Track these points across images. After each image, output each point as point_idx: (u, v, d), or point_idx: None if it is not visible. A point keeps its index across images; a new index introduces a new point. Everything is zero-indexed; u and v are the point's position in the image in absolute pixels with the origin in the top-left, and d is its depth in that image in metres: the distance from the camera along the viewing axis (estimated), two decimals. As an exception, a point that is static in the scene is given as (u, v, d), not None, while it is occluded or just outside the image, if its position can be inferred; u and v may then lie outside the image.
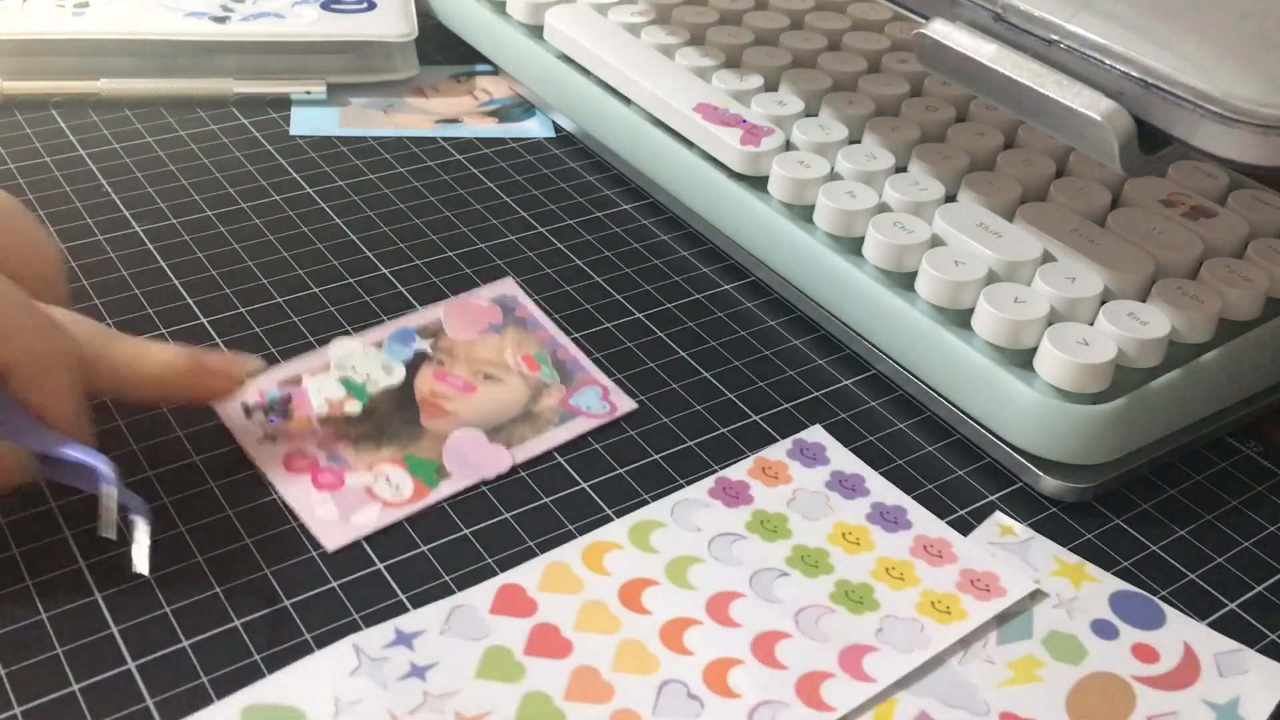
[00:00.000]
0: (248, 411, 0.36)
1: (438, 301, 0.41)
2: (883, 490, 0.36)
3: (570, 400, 0.38)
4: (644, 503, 0.35)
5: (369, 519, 0.33)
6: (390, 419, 0.36)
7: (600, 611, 0.31)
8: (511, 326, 0.40)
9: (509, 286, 0.41)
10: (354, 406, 0.36)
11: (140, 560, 0.30)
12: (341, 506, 0.33)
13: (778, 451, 0.37)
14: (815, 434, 0.37)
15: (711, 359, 0.41)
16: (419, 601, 0.31)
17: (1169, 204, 0.42)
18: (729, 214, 0.44)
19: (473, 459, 0.35)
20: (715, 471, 0.36)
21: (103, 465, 0.30)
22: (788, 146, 0.44)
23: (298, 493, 0.34)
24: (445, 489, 0.34)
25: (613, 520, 0.34)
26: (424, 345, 0.39)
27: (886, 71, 0.49)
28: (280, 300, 0.41)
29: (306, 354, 0.38)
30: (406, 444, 0.35)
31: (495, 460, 0.35)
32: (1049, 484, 0.36)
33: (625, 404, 0.38)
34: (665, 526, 0.34)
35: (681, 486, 0.35)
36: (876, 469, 0.37)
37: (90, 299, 0.40)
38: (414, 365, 0.38)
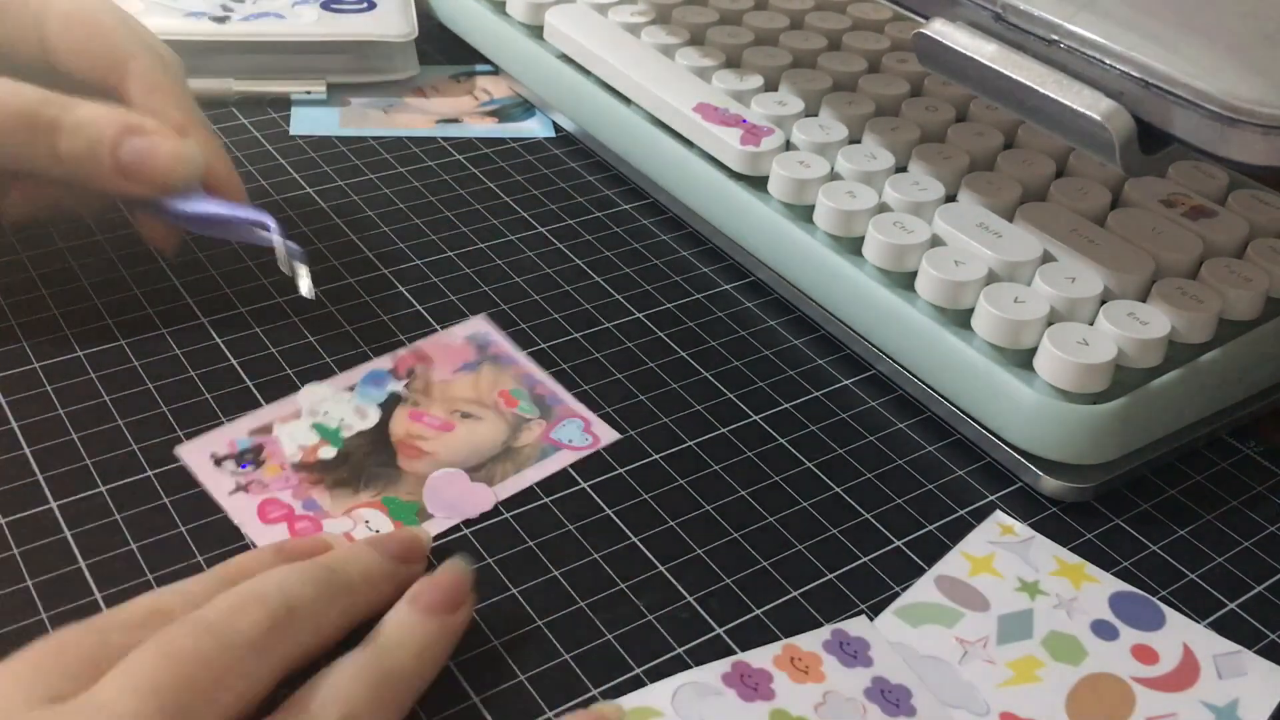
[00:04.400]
0: (217, 461, 0.34)
1: (408, 345, 0.39)
2: (932, 711, 0.30)
3: (551, 434, 0.37)
4: (646, 507, 0.35)
5: None
6: (366, 463, 0.35)
7: None
8: (487, 363, 0.39)
9: (482, 324, 0.40)
10: (328, 451, 0.35)
11: (306, 289, 0.37)
12: None
13: (813, 641, 0.31)
14: (859, 626, 0.31)
15: (711, 359, 0.41)
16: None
17: (1169, 204, 0.42)
18: (729, 214, 0.44)
19: (454, 498, 0.34)
20: (735, 655, 0.30)
21: (264, 216, 0.37)
22: (788, 146, 0.44)
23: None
24: (427, 530, 0.33)
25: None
26: (397, 387, 0.38)
27: (886, 71, 0.49)
28: (280, 300, 0.41)
29: (275, 402, 0.37)
30: (384, 487, 0.34)
31: (477, 499, 0.34)
32: (1049, 484, 0.36)
33: (607, 434, 0.37)
34: (663, 717, 0.29)
35: (681, 486, 0.35)
36: (874, 469, 0.37)
37: (90, 299, 0.40)
38: (388, 407, 0.37)
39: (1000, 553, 0.34)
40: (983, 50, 0.36)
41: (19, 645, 0.29)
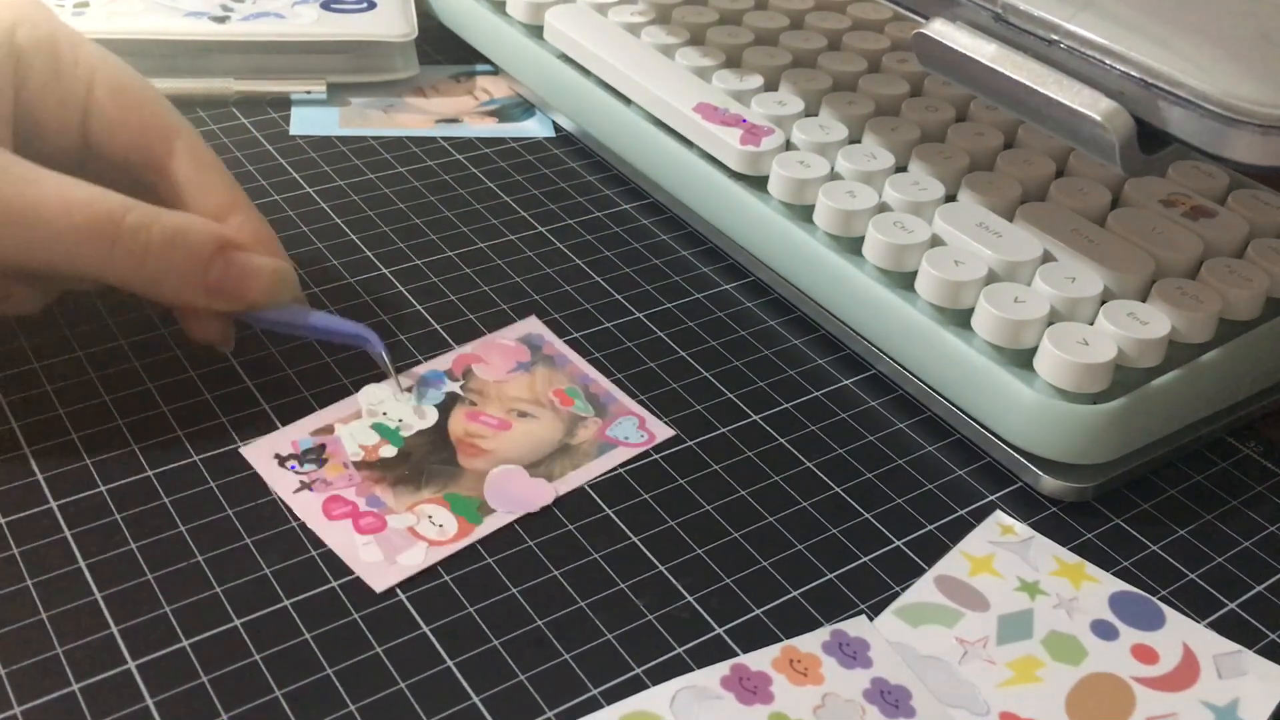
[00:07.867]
0: (281, 461, 0.35)
1: (463, 344, 0.40)
2: (932, 712, 0.30)
3: (607, 431, 0.37)
4: (646, 507, 0.35)
5: (415, 558, 0.32)
6: (427, 460, 0.35)
7: None
8: (540, 364, 0.39)
9: (534, 325, 0.41)
10: (389, 450, 0.36)
11: (395, 380, 0.38)
12: (386, 548, 0.33)
13: (812, 643, 0.31)
14: (859, 627, 0.32)
15: (711, 359, 0.41)
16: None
17: (1169, 204, 0.42)
18: (729, 214, 0.44)
19: (515, 492, 0.35)
20: (734, 658, 0.30)
21: (367, 333, 0.37)
22: (788, 146, 0.44)
23: (340, 538, 0.33)
24: (489, 524, 0.33)
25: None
26: (453, 386, 0.38)
27: (886, 71, 0.49)
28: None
29: (336, 403, 0.37)
30: (445, 484, 0.35)
31: (537, 492, 0.35)
32: (1049, 484, 0.36)
33: (663, 431, 0.37)
34: None
35: (680, 486, 0.36)
36: (874, 470, 0.37)
37: (90, 300, 0.40)
38: (446, 407, 0.37)
39: (1000, 553, 0.34)
40: (983, 50, 0.36)
41: (19, 645, 0.29)
